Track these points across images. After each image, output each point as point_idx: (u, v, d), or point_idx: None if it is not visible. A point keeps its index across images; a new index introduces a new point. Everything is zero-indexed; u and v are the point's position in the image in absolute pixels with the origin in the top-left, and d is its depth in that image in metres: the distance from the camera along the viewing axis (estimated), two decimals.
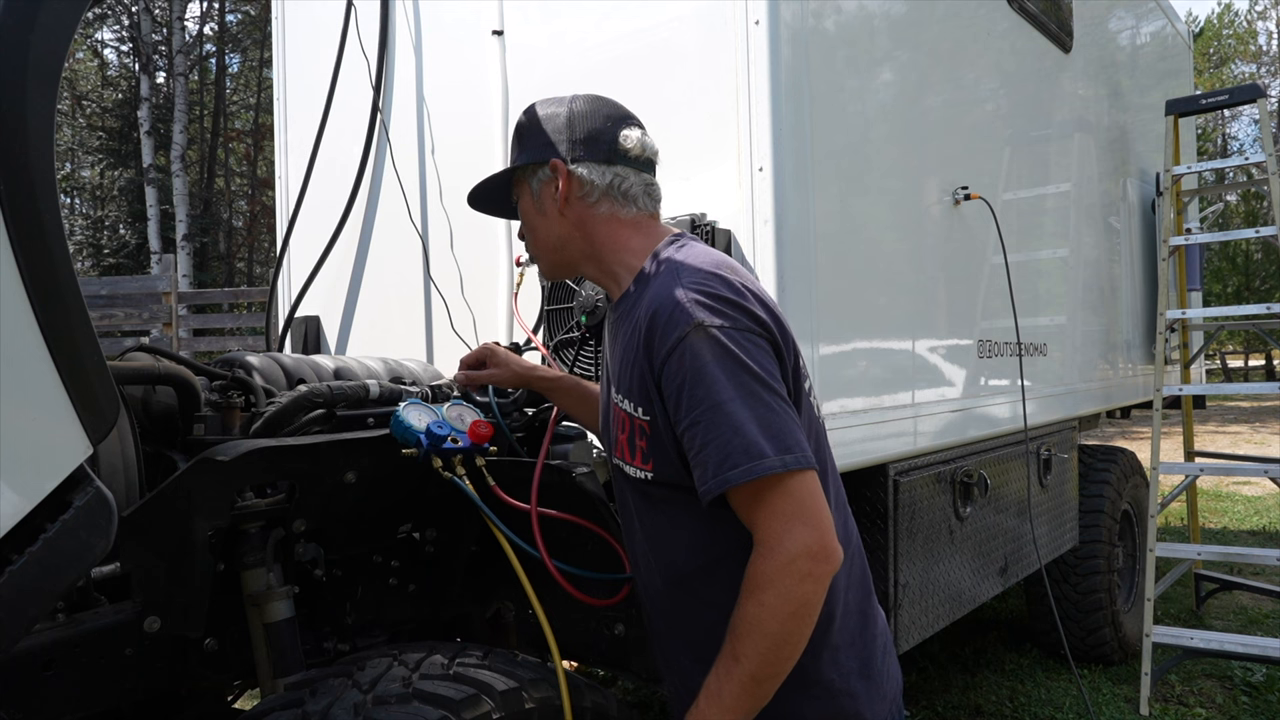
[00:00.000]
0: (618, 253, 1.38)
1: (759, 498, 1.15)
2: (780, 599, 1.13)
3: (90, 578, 1.38)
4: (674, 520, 1.31)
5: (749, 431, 1.13)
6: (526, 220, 1.45)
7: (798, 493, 1.14)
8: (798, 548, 1.13)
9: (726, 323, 1.19)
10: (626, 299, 1.36)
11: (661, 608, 1.38)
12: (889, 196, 2.57)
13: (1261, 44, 30.70)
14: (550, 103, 1.42)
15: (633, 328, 1.28)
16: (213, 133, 22.29)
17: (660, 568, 1.35)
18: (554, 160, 1.36)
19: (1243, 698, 3.74)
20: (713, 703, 1.16)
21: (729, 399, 1.15)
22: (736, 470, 1.13)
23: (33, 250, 1.01)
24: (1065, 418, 3.66)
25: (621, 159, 1.37)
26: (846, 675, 1.29)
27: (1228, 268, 19.69)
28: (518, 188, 1.45)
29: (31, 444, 1.02)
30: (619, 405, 1.31)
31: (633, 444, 1.29)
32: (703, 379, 1.16)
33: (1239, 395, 19.64)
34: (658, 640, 1.44)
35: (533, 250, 1.46)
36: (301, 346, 3.13)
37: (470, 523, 1.79)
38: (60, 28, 1.04)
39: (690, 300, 1.20)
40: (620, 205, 1.38)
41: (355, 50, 2.97)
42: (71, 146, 21.16)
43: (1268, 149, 3.87)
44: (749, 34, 2.08)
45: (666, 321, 1.20)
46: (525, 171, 1.41)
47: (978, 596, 3.00)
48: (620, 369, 1.32)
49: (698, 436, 1.16)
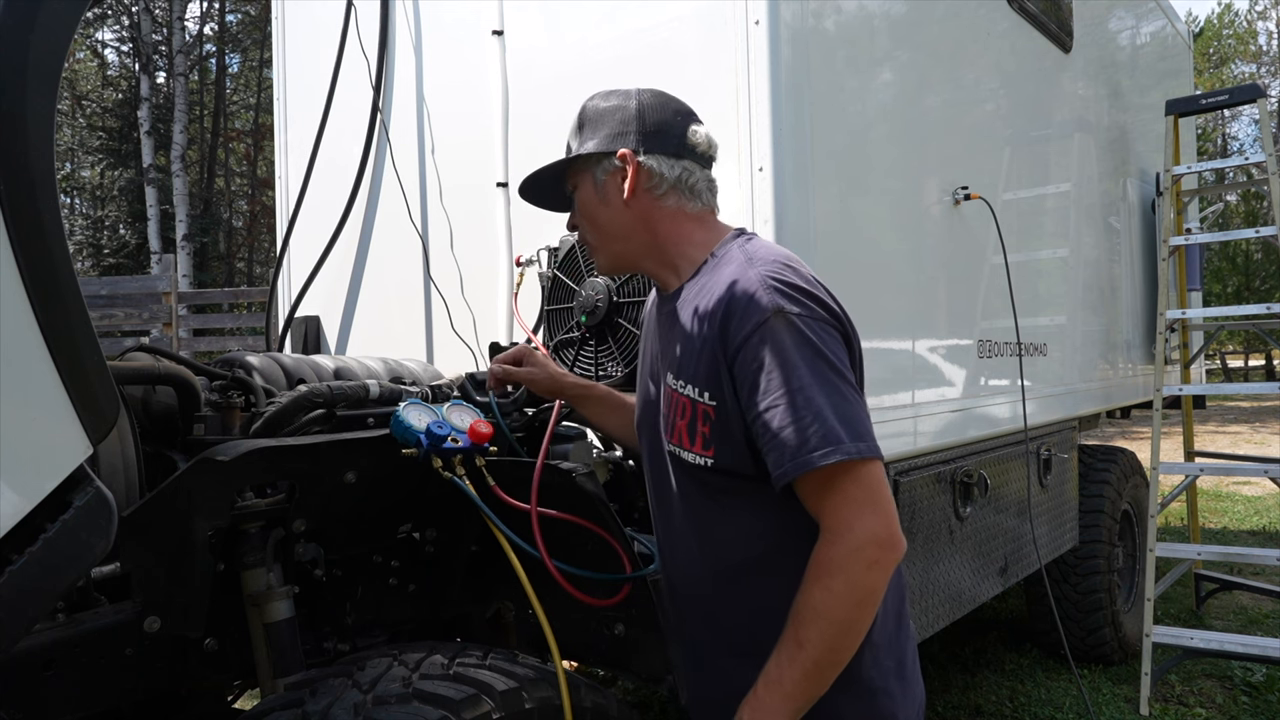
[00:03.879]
0: (681, 245, 1.38)
1: (831, 484, 1.16)
2: (848, 585, 1.14)
3: (90, 578, 1.38)
4: (729, 509, 1.30)
5: (827, 417, 1.15)
6: (586, 211, 1.42)
7: (868, 481, 1.16)
8: (867, 535, 1.15)
9: (804, 311, 1.21)
10: (686, 289, 1.36)
11: (700, 601, 1.37)
12: (889, 196, 2.57)
13: (1261, 44, 30.71)
14: (614, 94, 1.42)
15: (701, 314, 1.28)
16: (213, 133, 22.29)
17: (706, 559, 1.34)
18: (624, 151, 1.36)
19: (1243, 698, 3.74)
20: (773, 689, 1.16)
21: (807, 384, 1.16)
22: (815, 454, 1.13)
23: (33, 250, 1.01)
24: (1065, 418, 3.66)
25: (689, 153, 1.39)
26: (885, 674, 1.29)
27: (1228, 268, 19.69)
28: (577, 177, 1.43)
29: (31, 444, 1.02)
30: (678, 391, 1.30)
31: (693, 430, 1.28)
32: (781, 364, 1.17)
33: (1239, 395, 19.64)
34: (687, 635, 1.43)
35: (591, 240, 1.44)
36: (301, 346, 3.13)
37: (470, 523, 1.79)
38: (60, 28, 1.04)
39: (768, 288, 1.21)
40: (686, 199, 1.38)
41: (355, 50, 2.97)
42: (71, 146, 21.16)
43: (1268, 149, 3.87)
44: (749, 34, 2.08)
45: (745, 307, 1.21)
46: (589, 161, 1.39)
47: (978, 596, 3.00)
48: (681, 355, 1.32)
49: (774, 420, 1.17)
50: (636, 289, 2.09)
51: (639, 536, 1.67)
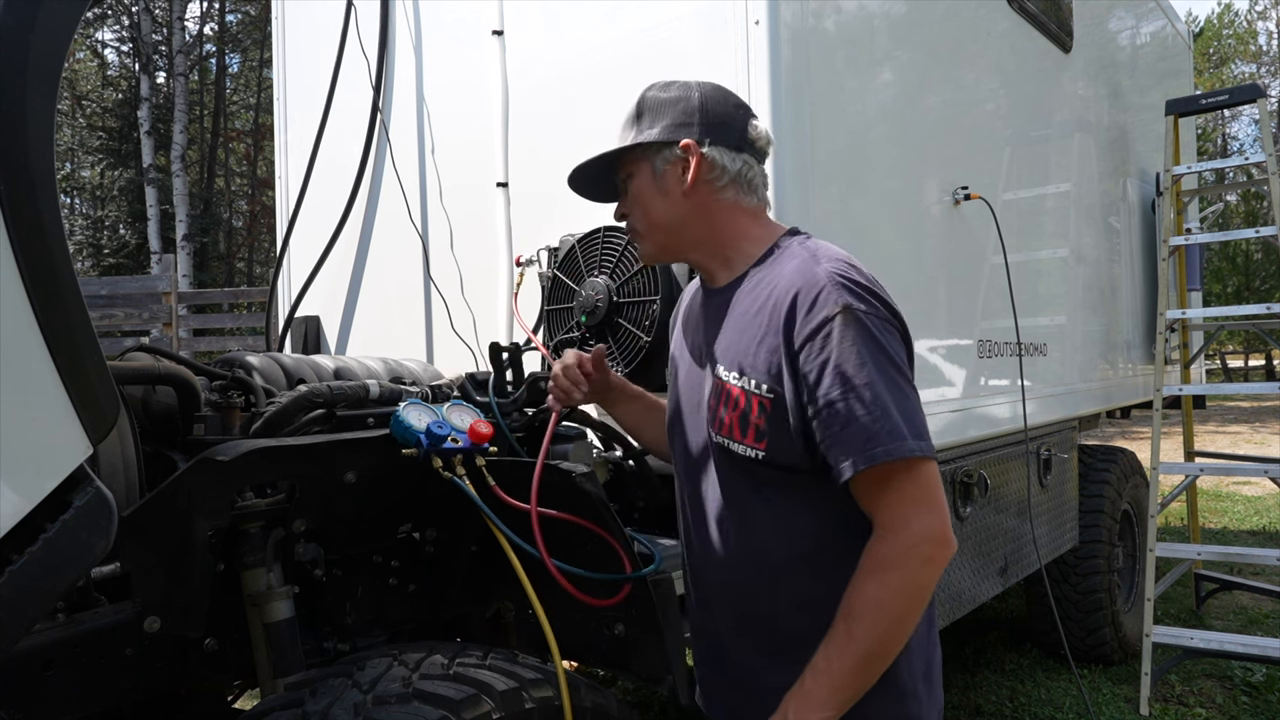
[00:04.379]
0: (736, 239, 1.38)
1: (890, 481, 1.18)
2: (904, 581, 1.16)
3: (90, 578, 1.38)
4: (775, 504, 1.31)
5: (892, 414, 1.16)
6: (641, 199, 1.40)
7: (925, 479, 1.18)
8: (923, 532, 1.17)
9: (870, 309, 1.22)
10: (739, 283, 1.36)
11: (732, 599, 1.37)
12: (889, 196, 2.57)
13: (1261, 44, 30.71)
14: (674, 85, 1.41)
15: (762, 307, 1.29)
16: (213, 133, 22.29)
17: (744, 555, 1.34)
18: (687, 141, 1.35)
19: (1243, 698, 3.74)
20: (821, 681, 1.17)
21: (873, 381, 1.17)
22: (880, 449, 1.15)
23: (33, 250, 1.01)
24: (1065, 418, 3.66)
25: (749, 147, 1.39)
26: (914, 677, 1.31)
27: (1228, 268, 19.69)
28: (633, 165, 1.41)
29: (31, 444, 1.02)
30: (730, 383, 1.30)
31: (745, 422, 1.28)
32: (849, 360, 1.18)
33: (1239, 395, 19.64)
34: (711, 633, 1.43)
35: (641, 228, 1.42)
36: (301, 346, 3.13)
37: (470, 523, 1.79)
38: (60, 28, 1.04)
39: (836, 284, 1.22)
40: (744, 193, 1.38)
41: (355, 50, 2.97)
42: (71, 146, 21.16)
43: (1268, 149, 3.87)
44: (749, 34, 2.08)
45: (813, 301, 1.22)
46: (648, 149, 1.38)
47: (978, 596, 3.00)
48: (735, 347, 1.32)
49: (839, 414, 1.17)
50: (636, 289, 2.10)
51: (639, 536, 1.67)
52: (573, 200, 2.35)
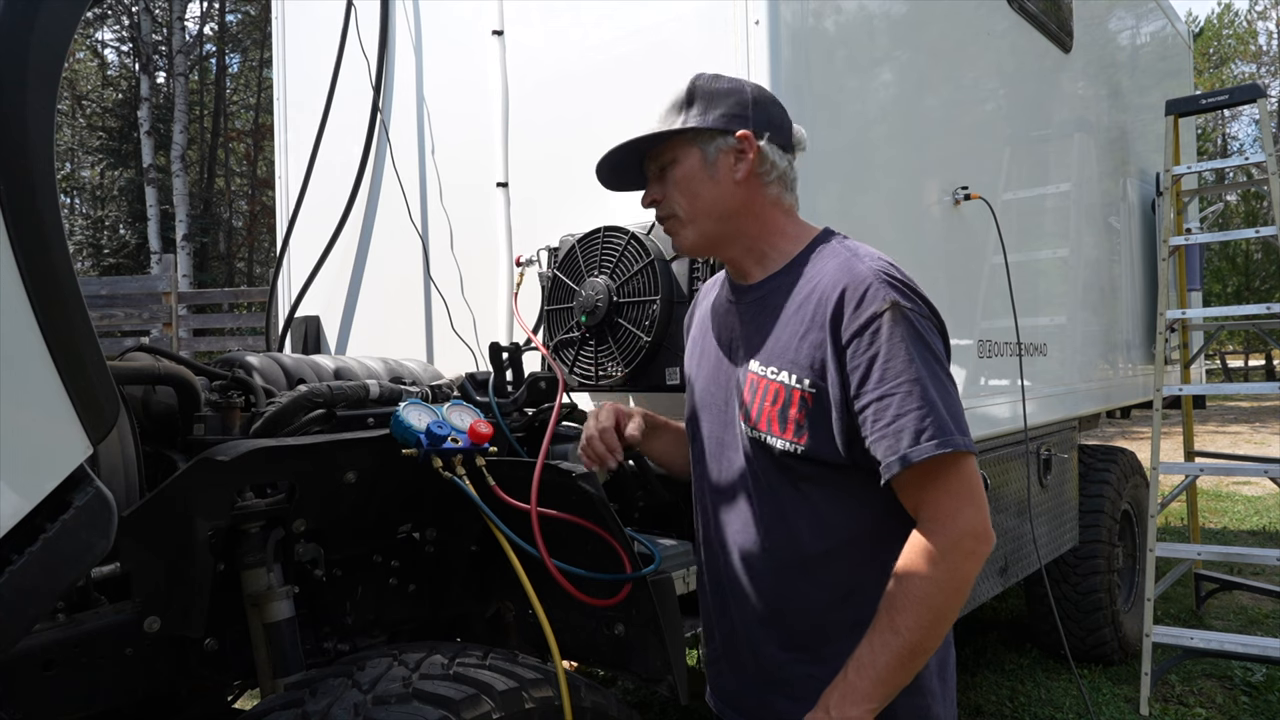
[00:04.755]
0: (773, 236, 1.40)
1: (936, 475, 1.20)
2: (948, 574, 1.17)
3: (90, 578, 1.38)
4: (810, 499, 1.32)
5: (940, 409, 1.19)
6: (688, 185, 1.38)
7: (968, 474, 1.21)
8: (966, 526, 1.19)
9: (914, 306, 1.26)
10: (777, 279, 1.38)
11: (755, 594, 1.37)
12: (889, 196, 2.57)
13: (1261, 44, 30.71)
14: (723, 78, 1.41)
15: (805, 303, 1.30)
16: (213, 133, 22.29)
17: (774, 549, 1.34)
18: (746, 132, 1.36)
19: (1243, 698, 3.74)
20: (865, 673, 1.18)
21: (923, 376, 1.20)
22: (930, 444, 1.17)
23: (33, 250, 1.01)
24: (1065, 418, 3.66)
25: (793, 148, 1.42)
26: (930, 674, 1.32)
27: (1228, 268, 19.68)
28: (680, 150, 1.38)
29: (31, 444, 1.02)
30: (769, 378, 1.31)
31: (784, 416, 1.29)
32: (899, 355, 1.20)
33: (1239, 395, 19.64)
34: (729, 628, 1.43)
35: (684, 214, 1.39)
36: (301, 346, 3.13)
37: (470, 523, 1.79)
38: (60, 28, 1.04)
39: (883, 281, 1.26)
40: (785, 192, 1.41)
41: (355, 50, 2.97)
42: (71, 146, 21.16)
43: (1268, 149, 3.87)
44: (749, 34, 2.08)
45: (861, 297, 1.24)
46: (700, 136, 1.37)
47: (978, 596, 3.00)
48: (772, 342, 1.33)
49: (889, 409, 1.19)
50: (636, 289, 2.10)
51: (639, 536, 1.67)
52: (573, 200, 2.35)
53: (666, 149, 1.40)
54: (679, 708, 3.45)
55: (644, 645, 1.59)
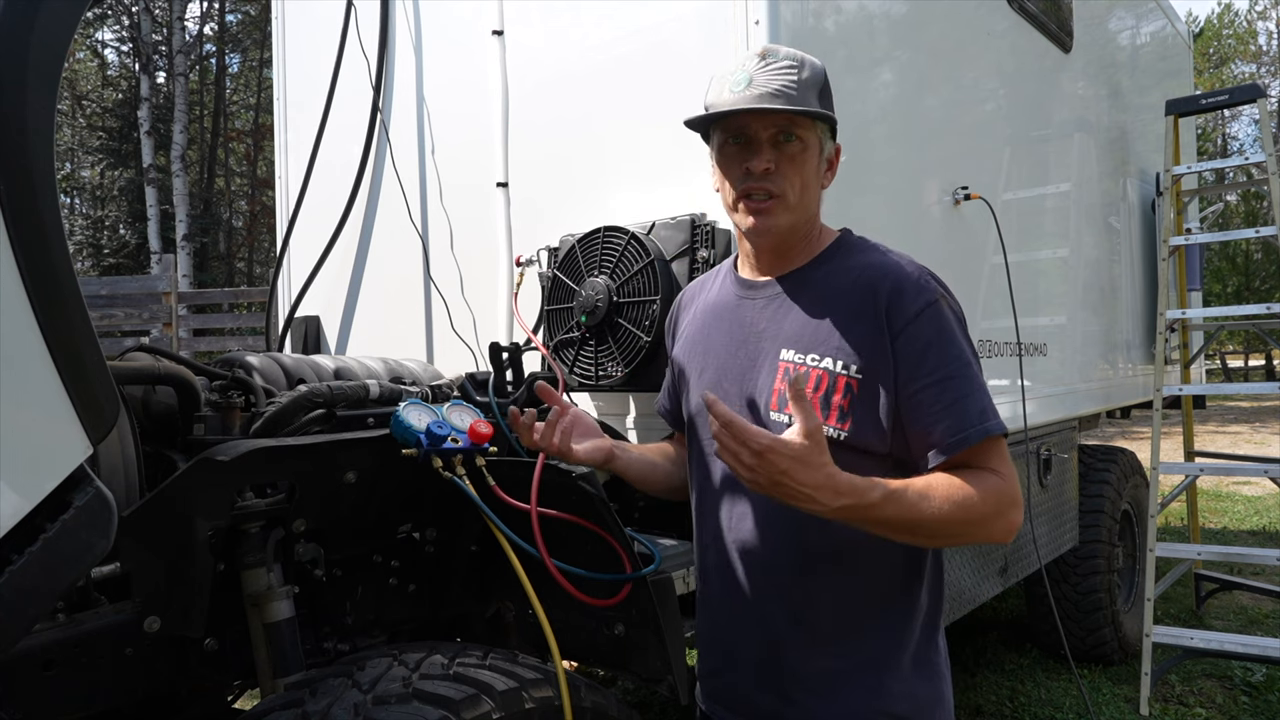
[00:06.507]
0: (811, 235, 1.45)
1: (993, 452, 1.28)
2: (992, 508, 1.23)
3: (90, 578, 1.38)
4: None
5: (987, 394, 1.29)
6: (805, 169, 1.37)
7: (1007, 454, 1.30)
8: (1017, 494, 1.28)
9: (953, 302, 1.34)
10: (806, 271, 1.41)
11: (771, 590, 1.36)
12: (889, 196, 2.57)
13: (1261, 44, 30.72)
14: None
15: (850, 291, 1.34)
16: (213, 133, 22.29)
17: (796, 542, 1.34)
18: (839, 145, 1.45)
19: (1243, 698, 3.74)
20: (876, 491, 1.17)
21: (971, 363, 1.29)
22: (990, 424, 1.25)
23: (33, 250, 1.01)
24: (1065, 418, 3.66)
25: None
26: (944, 660, 1.40)
27: (1228, 268, 19.69)
28: (810, 134, 1.36)
29: (31, 444, 1.02)
30: (811, 366, 1.32)
31: (827, 402, 1.30)
32: (954, 342, 1.29)
33: (1239, 395, 19.64)
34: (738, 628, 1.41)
35: (791, 199, 1.36)
36: (301, 346, 3.13)
37: (470, 523, 1.79)
38: (60, 28, 1.04)
39: (925, 275, 1.33)
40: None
41: (355, 50, 2.97)
42: (71, 146, 21.16)
43: (1268, 149, 3.87)
44: (749, 34, 2.08)
45: (913, 288, 1.31)
46: (822, 128, 1.39)
47: (978, 596, 3.00)
48: (811, 330, 1.35)
49: (949, 391, 1.26)
50: (636, 289, 2.10)
51: (639, 536, 1.67)
52: (573, 200, 2.35)
53: (798, 123, 1.36)
54: (679, 708, 3.45)
55: (644, 645, 1.59)
